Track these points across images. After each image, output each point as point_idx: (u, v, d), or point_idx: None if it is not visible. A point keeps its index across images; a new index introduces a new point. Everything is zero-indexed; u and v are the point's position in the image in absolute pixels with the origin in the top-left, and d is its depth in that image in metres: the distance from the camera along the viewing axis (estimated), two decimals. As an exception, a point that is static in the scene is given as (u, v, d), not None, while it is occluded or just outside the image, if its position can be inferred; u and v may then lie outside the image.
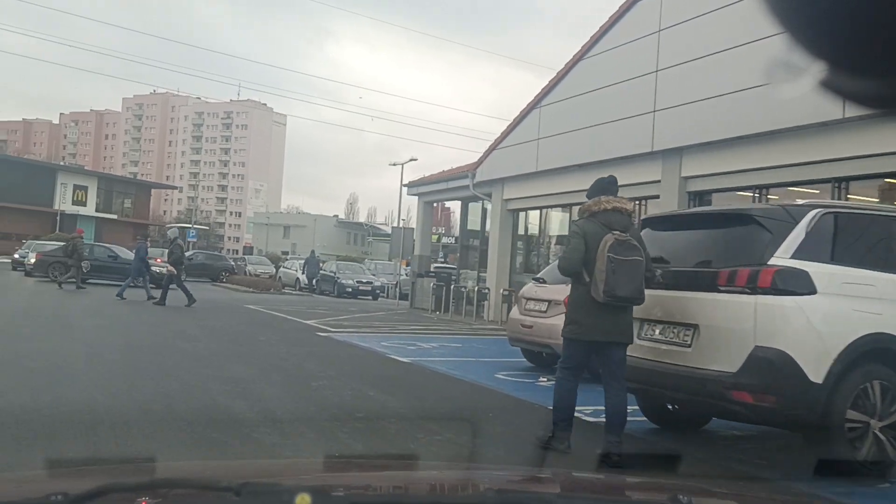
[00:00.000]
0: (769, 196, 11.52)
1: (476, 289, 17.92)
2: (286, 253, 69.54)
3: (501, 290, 16.87)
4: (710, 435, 5.74)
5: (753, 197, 11.71)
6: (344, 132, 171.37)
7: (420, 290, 21.47)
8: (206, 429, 4.92)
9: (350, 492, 1.42)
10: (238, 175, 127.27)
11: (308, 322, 14.03)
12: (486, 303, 18.07)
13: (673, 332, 4.71)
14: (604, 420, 4.76)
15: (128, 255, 24.97)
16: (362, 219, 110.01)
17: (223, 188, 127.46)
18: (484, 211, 20.02)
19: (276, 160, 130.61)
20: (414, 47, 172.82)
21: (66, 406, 5.28)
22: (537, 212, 17.92)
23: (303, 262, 33.10)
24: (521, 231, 18.58)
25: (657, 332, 4.84)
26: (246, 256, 44.94)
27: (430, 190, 21.82)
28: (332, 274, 27.66)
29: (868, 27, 0.65)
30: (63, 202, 52.82)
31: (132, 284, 17.69)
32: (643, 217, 6.18)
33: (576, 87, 15.45)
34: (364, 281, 27.40)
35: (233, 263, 38.62)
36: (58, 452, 4.10)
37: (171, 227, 17.91)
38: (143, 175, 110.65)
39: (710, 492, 1.79)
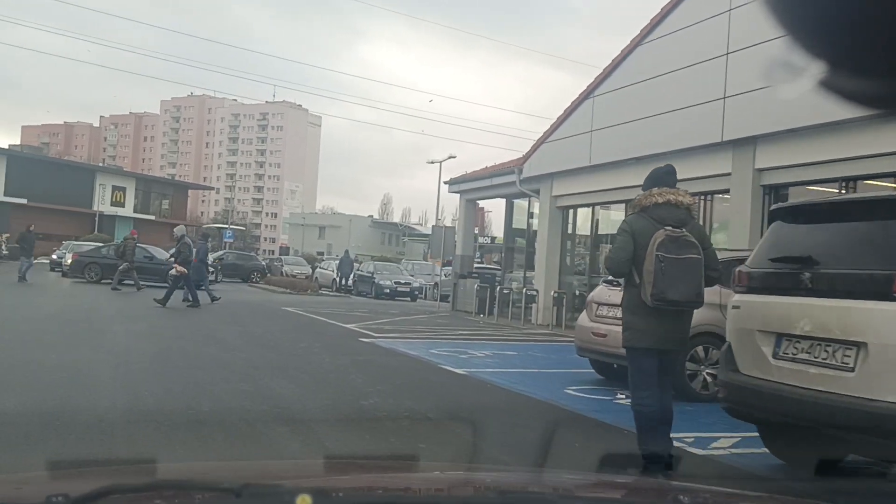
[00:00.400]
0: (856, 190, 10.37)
1: (524, 291, 16.93)
2: (321, 253, 69.28)
3: (552, 293, 15.88)
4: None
5: (839, 191, 10.56)
6: (377, 133, 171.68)
7: (462, 291, 20.57)
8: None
9: (351, 493, 1.40)
10: (273, 176, 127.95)
11: (349, 326, 13.22)
12: (534, 305, 17.08)
13: (827, 352, 3.72)
14: (716, 452, 4.21)
15: (163, 255, 24.57)
16: (396, 219, 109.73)
17: (259, 189, 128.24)
18: (531, 208, 19.02)
19: (311, 161, 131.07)
20: (446, 47, 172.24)
21: (74, 432, 4.48)
22: (589, 209, 16.87)
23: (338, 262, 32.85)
24: (571, 230, 17.55)
25: (804, 350, 3.84)
26: (282, 257, 44.53)
27: (472, 187, 20.88)
28: (370, 275, 26.88)
29: (868, 27, 0.65)
30: (102, 203, 53.14)
31: (200, 287, 17.20)
32: (772, 208, 5.19)
33: (633, 75, 14.38)
34: (402, 282, 26.58)
35: (263, 264, 38.22)
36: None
37: (178, 225, 17.52)
38: (180, 176, 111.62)
39: (711, 492, 1.75)
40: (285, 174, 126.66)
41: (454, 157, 31.05)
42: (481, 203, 29.97)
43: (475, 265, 27.99)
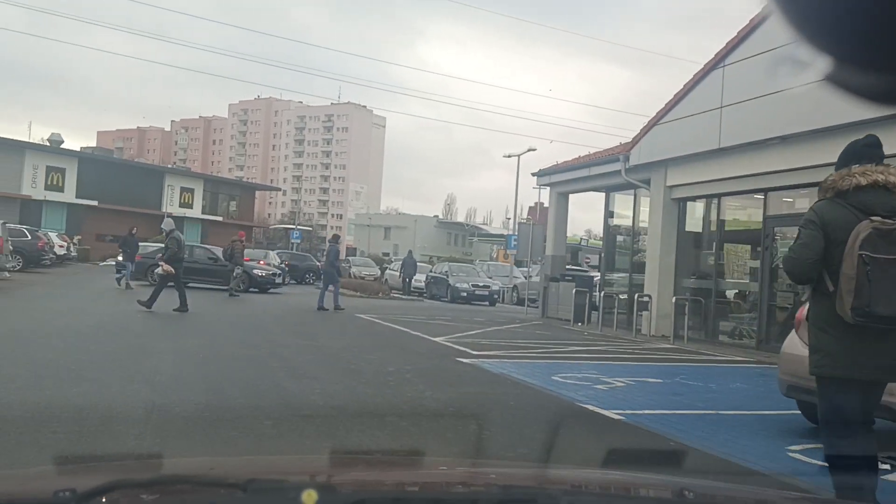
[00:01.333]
0: None
1: (635, 297, 14.49)
2: (386, 254, 67.95)
3: (672, 299, 13.41)
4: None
5: None
6: (438, 133, 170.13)
7: (553, 295, 18.27)
8: None
9: (356, 488, 1.36)
10: (339, 177, 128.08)
11: (438, 340, 11.13)
12: (645, 313, 14.65)
13: None
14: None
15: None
16: (460, 219, 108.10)
17: (325, 191, 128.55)
18: (637, 202, 16.56)
19: (375, 162, 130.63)
20: (506, 44, 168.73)
21: None
22: (712, 201, 14.34)
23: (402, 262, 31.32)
24: (689, 225, 15.04)
25: None
26: (350, 258, 42.90)
27: (565, 179, 18.54)
28: (444, 276, 24.74)
29: (875, 22, 0.65)
30: (171, 204, 52.86)
31: (331, 290, 16.02)
32: None
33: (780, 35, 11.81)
34: (480, 284, 24.40)
35: (319, 264, 36.79)
36: None
37: (167, 218, 14.75)
38: (248, 178, 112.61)
39: (716, 489, 1.73)
40: (350, 175, 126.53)
41: (534, 150, 28.66)
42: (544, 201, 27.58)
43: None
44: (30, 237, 24.55)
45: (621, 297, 16.07)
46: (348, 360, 8.52)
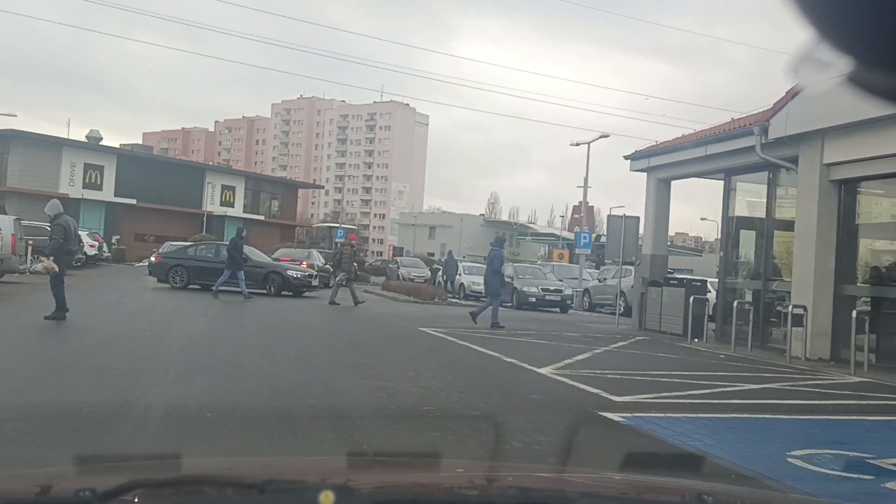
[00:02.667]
0: None
1: (790, 308, 11.08)
2: (431, 254, 64.91)
3: (854, 312, 9.97)
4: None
5: None
6: (475, 133, 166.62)
7: (653, 303, 15.00)
8: None
9: (373, 490, 1.36)
10: (381, 177, 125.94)
11: (545, 372, 8.01)
12: (797, 330, 11.24)
13: None
14: None
15: (261, 257, 20.51)
16: (504, 218, 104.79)
17: (367, 190, 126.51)
18: (772, 187, 13.15)
19: (418, 160, 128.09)
20: (543, 39, 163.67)
21: None
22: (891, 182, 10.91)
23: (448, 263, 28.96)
24: (854, 215, 11.62)
25: None
26: (398, 258, 39.89)
27: (670, 161, 15.18)
28: (509, 279, 21.45)
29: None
30: (211, 203, 50.73)
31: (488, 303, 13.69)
32: None
33: None
34: (551, 288, 21.12)
35: (355, 265, 33.98)
36: None
37: (52, 200, 10.93)
38: (290, 178, 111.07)
39: (735, 494, 1.73)
40: (393, 174, 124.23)
41: (606, 136, 25.25)
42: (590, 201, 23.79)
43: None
44: (53, 236, 22.16)
45: (747, 306, 12.67)
46: (444, 426, 5.38)
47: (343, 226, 52.44)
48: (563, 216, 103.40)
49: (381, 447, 4.45)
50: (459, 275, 26.44)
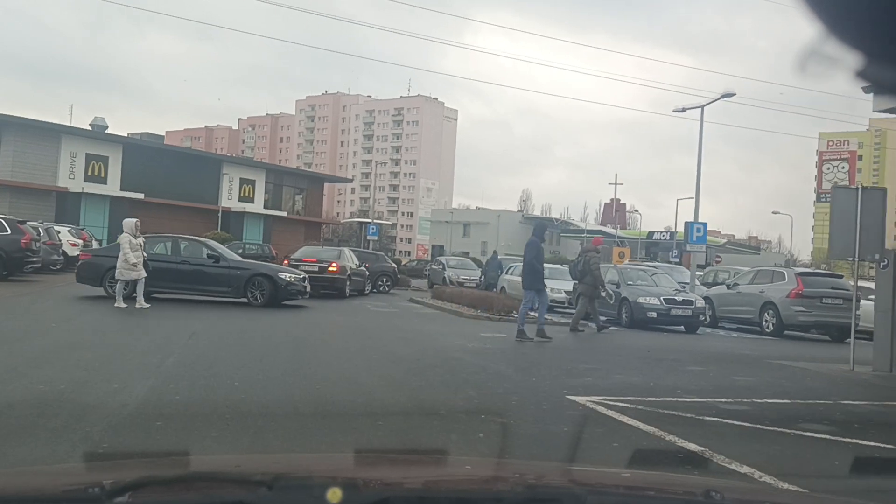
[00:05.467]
0: None
1: None
2: (466, 253, 59.05)
3: None
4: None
5: None
6: (495, 130, 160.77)
7: None
8: None
9: (381, 486, 1.34)
10: (409, 174, 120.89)
11: None
12: None
13: None
14: None
15: (234, 256, 15.26)
16: (537, 215, 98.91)
17: (394, 188, 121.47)
18: None
19: (447, 156, 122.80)
20: (561, 33, 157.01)
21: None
22: None
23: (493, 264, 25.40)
24: None
25: None
26: (441, 259, 34.08)
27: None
28: (614, 287, 15.79)
29: None
30: (229, 198, 45.50)
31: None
32: None
33: None
34: (678, 300, 15.38)
35: (394, 266, 28.52)
36: None
37: None
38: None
39: (742, 489, 1.66)
40: (421, 171, 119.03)
41: (732, 95, 19.59)
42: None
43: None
44: (10, 231, 17.01)
45: None
46: None
47: (376, 221, 46.65)
48: (597, 211, 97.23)
49: None
50: (501, 276, 22.82)
